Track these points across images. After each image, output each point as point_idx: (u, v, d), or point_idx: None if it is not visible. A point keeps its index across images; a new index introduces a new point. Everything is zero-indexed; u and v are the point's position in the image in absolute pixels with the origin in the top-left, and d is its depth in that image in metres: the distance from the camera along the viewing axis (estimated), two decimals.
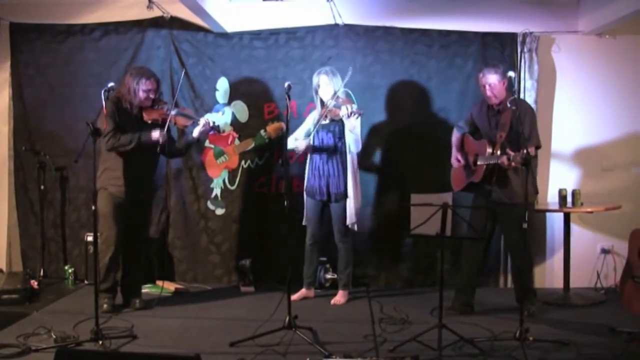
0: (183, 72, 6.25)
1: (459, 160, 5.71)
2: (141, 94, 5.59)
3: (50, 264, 6.94)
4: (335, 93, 5.88)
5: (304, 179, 6.18)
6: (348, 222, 5.97)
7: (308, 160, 6.12)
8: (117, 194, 5.62)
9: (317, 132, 5.98)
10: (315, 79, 5.96)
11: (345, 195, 5.94)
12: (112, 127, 5.47)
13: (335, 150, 5.97)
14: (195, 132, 5.79)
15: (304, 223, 6.14)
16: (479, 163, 5.49)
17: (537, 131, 5.53)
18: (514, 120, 5.31)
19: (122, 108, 5.60)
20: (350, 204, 5.94)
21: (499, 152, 5.33)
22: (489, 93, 5.49)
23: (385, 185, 6.67)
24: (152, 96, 5.65)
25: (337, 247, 6.12)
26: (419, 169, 6.60)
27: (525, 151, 4.88)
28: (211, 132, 6.16)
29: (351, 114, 5.67)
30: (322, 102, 5.98)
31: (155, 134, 5.56)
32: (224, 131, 6.62)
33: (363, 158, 6.49)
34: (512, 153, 5.11)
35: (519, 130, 5.14)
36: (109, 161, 5.63)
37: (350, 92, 6.09)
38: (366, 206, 6.61)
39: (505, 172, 5.41)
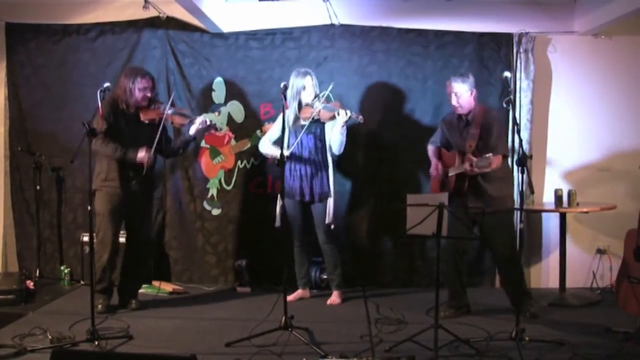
0: (172, 94, 6.22)
1: (437, 169, 5.70)
2: (137, 93, 5.58)
3: (46, 265, 6.93)
4: (317, 95, 5.87)
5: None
6: (327, 220, 5.93)
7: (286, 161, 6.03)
8: (113, 195, 5.61)
9: (296, 132, 5.94)
10: (299, 81, 5.89)
11: (328, 195, 5.93)
12: (104, 130, 5.44)
13: (316, 153, 5.93)
14: (192, 130, 5.79)
15: (277, 225, 5.98)
16: (449, 174, 5.51)
17: (505, 140, 5.55)
18: (483, 130, 5.34)
19: (118, 110, 5.59)
20: (331, 203, 5.94)
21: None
22: (454, 102, 5.49)
23: (381, 186, 6.67)
24: (148, 95, 5.63)
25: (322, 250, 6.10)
26: (414, 170, 6.60)
27: (487, 156, 4.95)
28: (209, 131, 6.17)
29: (349, 119, 5.65)
30: (299, 103, 5.94)
31: (141, 155, 5.56)
32: (220, 129, 6.59)
33: (358, 158, 6.49)
34: (474, 158, 5.14)
35: (487, 138, 5.18)
36: (103, 163, 5.62)
37: (330, 94, 6.03)
38: (361, 207, 6.62)
39: (476, 181, 5.42)
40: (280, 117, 6.02)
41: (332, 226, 6.01)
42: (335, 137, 5.84)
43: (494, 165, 5.21)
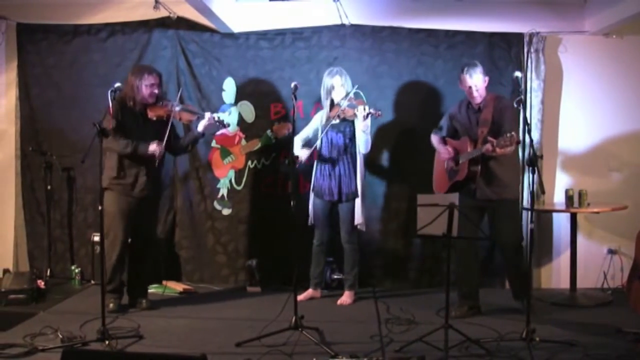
0: (180, 91, 6.25)
1: (449, 152, 5.68)
2: (144, 90, 5.59)
3: (57, 264, 6.95)
4: (347, 94, 5.88)
5: (310, 180, 6.17)
6: (356, 222, 5.96)
7: (316, 161, 6.10)
8: (121, 194, 5.63)
9: (327, 132, 5.97)
10: (328, 81, 5.93)
11: (356, 195, 5.95)
12: (113, 128, 5.44)
13: (346, 152, 5.97)
14: (200, 127, 5.79)
15: (310, 223, 6.14)
16: (461, 161, 5.50)
17: (517, 126, 5.53)
18: (496, 116, 5.35)
19: (126, 107, 5.61)
20: (359, 204, 5.95)
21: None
22: (475, 94, 5.52)
23: (392, 186, 6.66)
24: (155, 91, 5.64)
25: (342, 248, 6.12)
26: (425, 170, 6.57)
27: (509, 135, 4.91)
28: (220, 131, 6.16)
29: (368, 115, 5.66)
30: (332, 102, 5.97)
31: (152, 147, 5.57)
32: (228, 124, 6.52)
33: (370, 158, 6.48)
34: (494, 140, 5.10)
35: (500, 124, 5.21)
36: (113, 160, 5.63)
37: (360, 92, 6.02)
38: (373, 207, 6.61)
39: (488, 167, 5.41)
40: (314, 119, 6.10)
41: (364, 228, 6.07)
42: (358, 135, 5.86)
43: (514, 147, 5.13)
